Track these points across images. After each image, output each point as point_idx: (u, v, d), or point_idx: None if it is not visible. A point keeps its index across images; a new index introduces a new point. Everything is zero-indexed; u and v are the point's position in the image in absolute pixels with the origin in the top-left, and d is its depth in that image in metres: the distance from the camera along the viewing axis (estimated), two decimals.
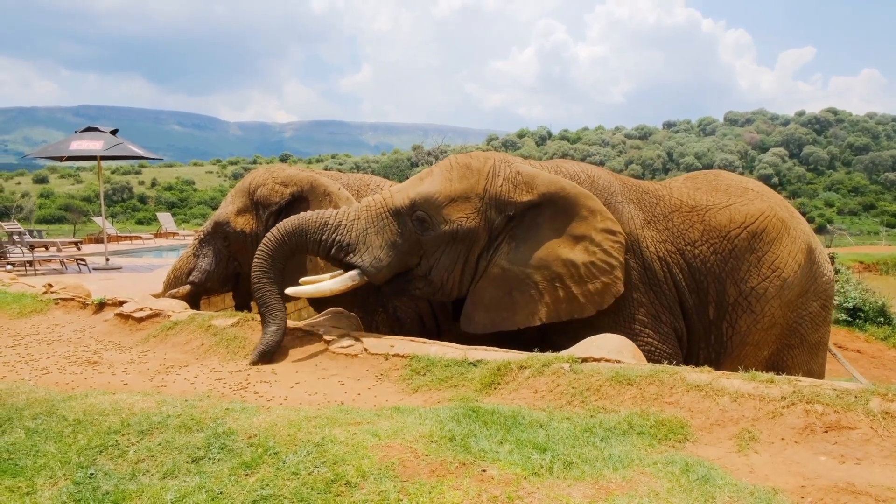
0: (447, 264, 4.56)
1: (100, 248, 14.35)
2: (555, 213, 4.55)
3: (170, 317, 5.17)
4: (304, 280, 4.86)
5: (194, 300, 5.86)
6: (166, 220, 23.75)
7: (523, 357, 3.70)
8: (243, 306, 5.99)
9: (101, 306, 5.78)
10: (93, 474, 2.62)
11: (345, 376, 3.97)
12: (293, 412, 3.00)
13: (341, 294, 4.61)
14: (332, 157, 76.24)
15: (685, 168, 58.54)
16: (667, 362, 4.03)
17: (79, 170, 58.87)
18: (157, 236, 21.57)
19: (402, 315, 5.45)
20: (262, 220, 5.62)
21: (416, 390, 3.66)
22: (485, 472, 2.36)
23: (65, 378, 4.03)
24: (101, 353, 4.60)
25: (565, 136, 73.57)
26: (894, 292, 13.74)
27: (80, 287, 6.31)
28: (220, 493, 2.38)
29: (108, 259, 11.70)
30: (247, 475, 2.47)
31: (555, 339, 4.37)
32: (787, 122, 71.28)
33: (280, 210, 5.58)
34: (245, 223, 5.68)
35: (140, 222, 44.78)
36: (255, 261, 4.52)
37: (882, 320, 12.10)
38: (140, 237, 20.89)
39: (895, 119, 70.39)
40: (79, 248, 13.33)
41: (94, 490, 2.50)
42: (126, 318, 5.33)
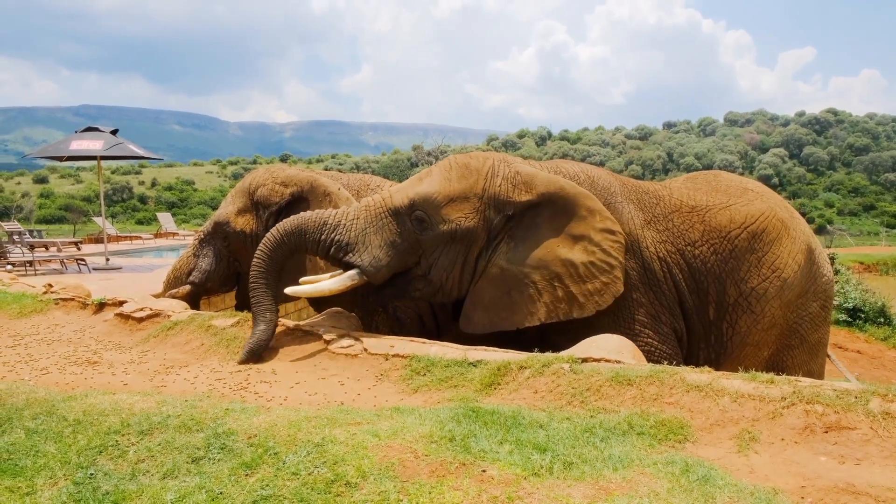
0: (446, 264, 4.56)
1: (100, 248, 14.35)
2: (554, 212, 4.55)
3: (170, 317, 5.17)
4: (304, 280, 4.86)
5: (194, 300, 5.86)
6: (166, 220, 23.75)
7: (523, 357, 3.70)
8: (244, 306, 5.99)
9: (101, 306, 5.78)
10: (93, 474, 2.62)
11: (345, 376, 3.97)
12: (293, 412, 3.00)
13: (341, 294, 4.62)
14: (332, 157, 76.23)
15: (685, 168, 58.53)
16: (666, 363, 4.03)
17: (79, 170, 58.87)
18: (157, 236, 21.57)
19: (402, 315, 5.45)
20: (262, 221, 5.62)
21: (416, 390, 3.66)
22: (485, 472, 2.36)
23: (65, 378, 4.03)
24: (101, 354, 4.60)
25: (565, 137, 73.55)
26: (894, 293, 13.74)
27: (80, 287, 6.31)
28: (220, 493, 2.38)
29: (108, 259, 11.70)
30: (247, 475, 2.47)
31: (555, 339, 4.37)
32: (787, 123, 71.26)
33: (280, 210, 5.58)
34: (245, 223, 5.68)
35: (140, 222, 44.77)
36: (254, 261, 4.55)
37: (882, 321, 12.11)
38: (140, 237, 20.89)
39: (895, 120, 70.39)
40: (79, 248, 13.32)
41: (94, 490, 2.50)
42: (126, 318, 5.33)
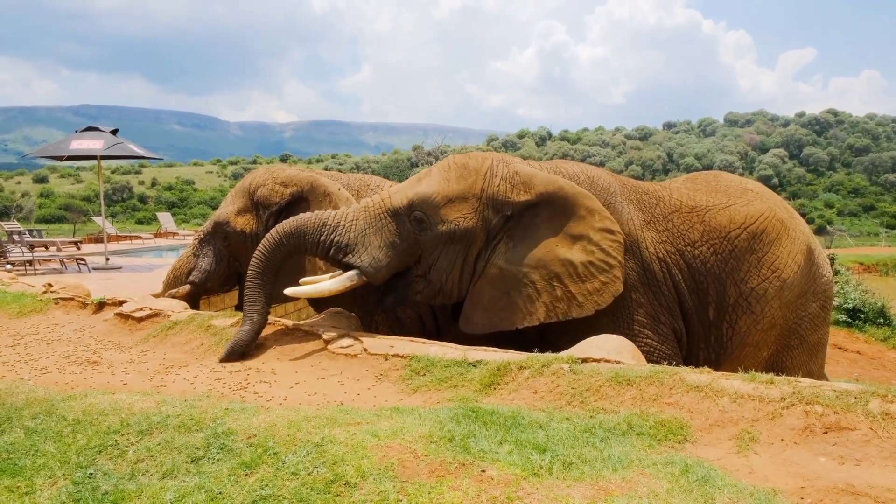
0: (445, 265, 4.56)
1: (100, 247, 14.34)
2: (553, 212, 4.55)
3: (169, 317, 5.17)
4: (304, 280, 4.87)
5: (194, 300, 5.86)
6: (166, 219, 23.75)
7: (523, 357, 3.69)
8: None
9: (101, 306, 5.78)
10: (92, 474, 2.62)
11: (344, 376, 3.97)
12: (293, 412, 3.00)
13: (340, 294, 4.62)
14: (332, 157, 76.25)
15: (685, 169, 58.55)
16: (666, 363, 4.03)
17: (79, 169, 58.88)
18: (156, 236, 21.56)
19: (401, 315, 5.45)
20: (262, 221, 5.62)
21: (416, 391, 3.65)
22: (484, 472, 2.36)
23: (64, 378, 4.03)
24: (101, 353, 4.60)
25: (565, 137, 73.56)
26: (894, 293, 13.75)
27: (79, 287, 6.31)
28: (220, 493, 2.37)
29: (107, 259, 11.69)
30: (246, 475, 2.47)
31: (554, 339, 4.36)
32: (787, 123, 71.28)
33: (280, 210, 5.58)
34: (245, 223, 5.68)
35: (140, 222, 44.77)
36: (252, 261, 4.57)
37: (882, 321, 12.11)
38: (140, 237, 20.88)
39: (895, 120, 70.40)
40: (78, 248, 13.31)
41: (94, 490, 2.50)
42: (126, 317, 5.33)
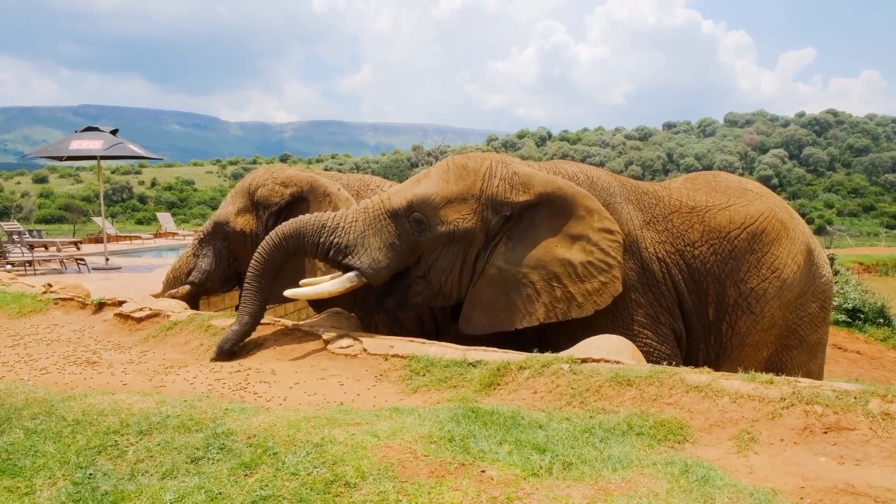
0: (445, 265, 4.56)
1: (99, 247, 14.34)
2: (552, 212, 4.54)
3: (169, 317, 5.17)
4: (304, 282, 4.87)
5: (194, 300, 5.86)
6: (166, 220, 23.75)
7: (522, 358, 3.69)
8: None
9: (101, 306, 5.78)
10: (92, 474, 2.62)
11: (344, 377, 3.97)
12: (292, 413, 3.00)
13: (340, 295, 4.62)
14: (332, 157, 76.26)
15: (685, 169, 58.55)
16: (666, 363, 4.03)
17: (79, 169, 58.88)
18: (156, 236, 21.56)
19: (401, 315, 5.45)
20: (262, 221, 5.62)
21: (416, 391, 3.65)
22: (484, 472, 2.36)
23: (64, 378, 4.03)
24: (101, 354, 4.60)
25: (565, 137, 73.57)
26: (894, 293, 13.76)
27: (79, 287, 6.30)
28: (219, 493, 2.37)
29: (107, 259, 11.69)
30: (246, 476, 2.47)
31: (554, 339, 4.36)
32: (787, 124, 71.32)
33: (280, 210, 5.58)
34: (245, 223, 5.68)
35: (140, 222, 44.78)
36: (252, 263, 4.59)
37: (882, 321, 12.12)
38: (140, 237, 20.88)
39: (895, 121, 70.42)
40: (78, 248, 13.31)
41: (93, 490, 2.50)
42: (125, 318, 5.33)
